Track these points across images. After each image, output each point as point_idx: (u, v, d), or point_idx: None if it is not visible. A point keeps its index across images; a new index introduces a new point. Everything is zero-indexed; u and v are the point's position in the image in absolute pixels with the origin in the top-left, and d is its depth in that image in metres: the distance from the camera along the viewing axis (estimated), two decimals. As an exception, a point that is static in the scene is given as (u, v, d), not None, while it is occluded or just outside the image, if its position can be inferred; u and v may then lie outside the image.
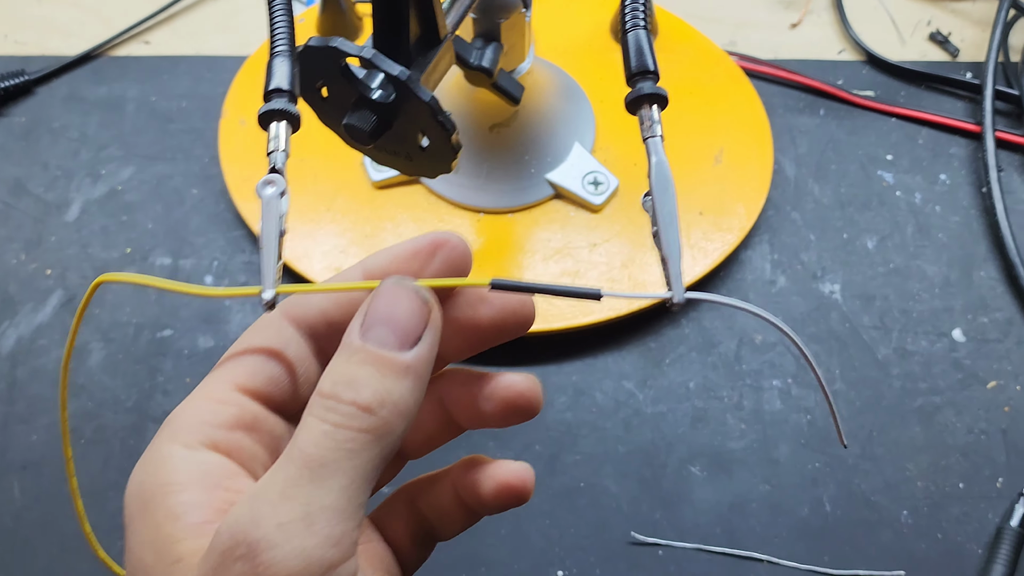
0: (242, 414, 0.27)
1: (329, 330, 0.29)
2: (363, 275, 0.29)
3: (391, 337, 0.26)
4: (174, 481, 0.25)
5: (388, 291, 0.26)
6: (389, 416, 0.25)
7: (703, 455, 0.51)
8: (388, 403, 0.25)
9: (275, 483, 0.23)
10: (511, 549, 0.49)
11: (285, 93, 0.30)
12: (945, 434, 0.52)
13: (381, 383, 0.25)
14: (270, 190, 0.28)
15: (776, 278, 0.57)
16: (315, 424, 0.24)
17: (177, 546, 0.24)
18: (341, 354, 0.26)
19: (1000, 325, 0.55)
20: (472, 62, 0.45)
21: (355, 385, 0.25)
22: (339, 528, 0.23)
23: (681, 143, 0.59)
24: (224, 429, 0.27)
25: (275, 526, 0.22)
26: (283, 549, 0.22)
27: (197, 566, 0.23)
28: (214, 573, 0.22)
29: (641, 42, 0.31)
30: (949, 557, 0.49)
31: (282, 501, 0.23)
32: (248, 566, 0.22)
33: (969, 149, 0.62)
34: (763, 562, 0.48)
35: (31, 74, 0.64)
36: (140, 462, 0.26)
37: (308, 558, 0.22)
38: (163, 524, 0.24)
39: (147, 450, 0.26)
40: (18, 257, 0.58)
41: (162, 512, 0.25)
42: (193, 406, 0.27)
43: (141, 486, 0.25)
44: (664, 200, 0.29)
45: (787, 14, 0.69)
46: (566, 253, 0.55)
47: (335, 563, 0.23)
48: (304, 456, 0.23)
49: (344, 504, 0.23)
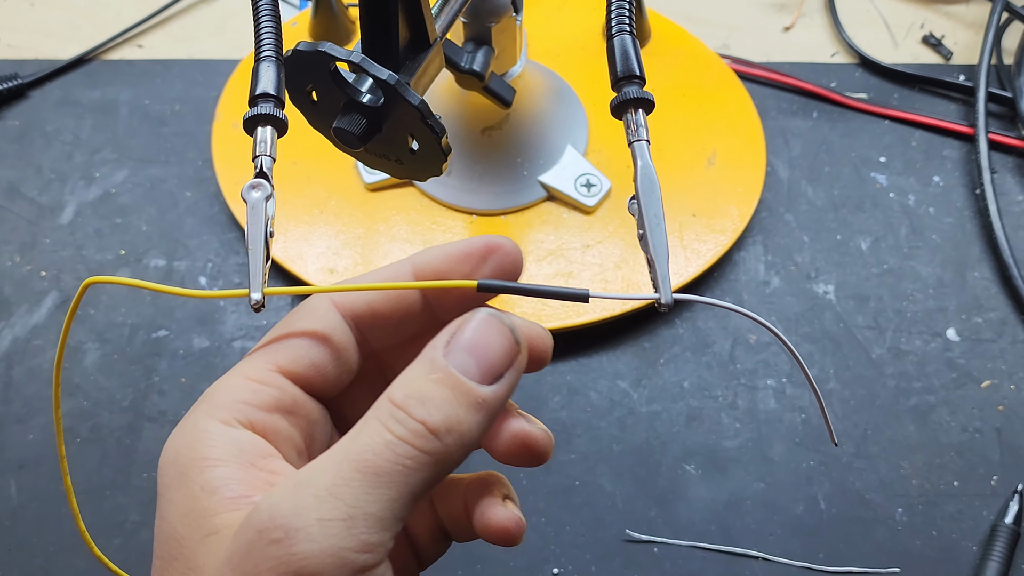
0: (282, 397, 0.27)
1: (374, 321, 0.30)
2: (412, 270, 0.29)
3: (474, 367, 0.26)
4: (211, 456, 0.25)
5: (482, 320, 0.26)
6: (453, 445, 0.25)
7: (698, 454, 0.51)
8: (455, 432, 0.25)
9: (324, 477, 0.23)
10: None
11: (271, 98, 0.30)
12: (939, 433, 0.52)
13: (454, 410, 0.25)
14: (256, 194, 0.29)
15: (770, 279, 0.57)
16: (379, 431, 0.24)
17: (213, 519, 0.24)
18: (420, 366, 0.26)
19: (994, 325, 0.55)
20: (463, 66, 0.45)
21: (428, 404, 0.25)
22: (376, 536, 0.23)
23: (674, 145, 0.59)
24: (263, 411, 0.27)
25: (316, 520, 0.23)
26: (320, 545, 0.22)
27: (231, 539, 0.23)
28: (245, 550, 0.23)
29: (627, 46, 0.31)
30: (944, 554, 0.49)
31: (328, 497, 0.23)
32: (281, 551, 0.22)
33: (962, 151, 0.62)
34: (758, 559, 0.49)
35: (25, 77, 0.65)
36: (176, 433, 0.26)
37: (341, 559, 0.23)
38: (199, 496, 0.25)
39: (183, 422, 0.27)
40: (13, 259, 0.58)
41: (198, 484, 0.25)
42: (233, 384, 0.27)
43: (177, 456, 0.26)
44: (650, 203, 0.29)
45: (780, 17, 0.69)
46: (559, 254, 0.56)
47: (366, 568, 0.23)
48: (361, 460, 0.24)
49: (387, 515, 0.24)
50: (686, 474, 0.51)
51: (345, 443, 0.24)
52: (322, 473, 0.23)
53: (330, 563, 0.22)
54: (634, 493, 0.50)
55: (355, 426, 0.25)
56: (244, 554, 0.23)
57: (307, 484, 0.23)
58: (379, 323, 0.30)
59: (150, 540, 0.51)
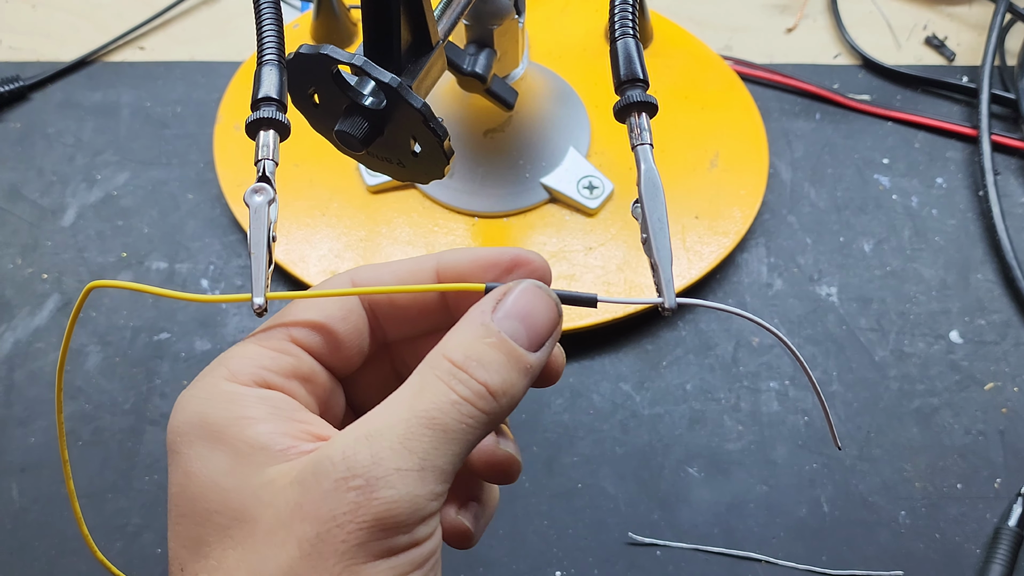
0: (299, 365, 0.29)
1: (391, 310, 0.31)
2: (435, 268, 0.30)
3: (524, 334, 0.27)
4: (250, 415, 0.27)
5: (530, 290, 0.28)
6: (507, 406, 0.27)
7: (700, 456, 0.51)
8: (509, 394, 0.27)
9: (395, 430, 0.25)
10: (509, 549, 0.49)
11: (273, 102, 0.30)
12: (943, 435, 0.52)
13: (509, 374, 0.27)
14: (258, 198, 0.29)
15: (773, 281, 0.57)
16: (444, 390, 0.26)
17: (267, 470, 0.26)
18: (471, 328, 0.27)
19: (997, 327, 0.55)
20: (465, 68, 0.45)
21: (487, 368, 0.26)
22: (441, 487, 0.26)
23: (677, 147, 0.59)
24: (281, 376, 0.28)
25: (394, 470, 0.24)
26: (399, 491, 0.24)
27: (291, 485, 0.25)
28: (320, 497, 0.24)
29: (630, 50, 0.31)
30: (947, 557, 0.49)
31: (402, 450, 0.25)
32: (363, 497, 0.24)
33: (965, 153, 0.62)
34: (761, 562, 0.48)
35: (26, 80, 0.64)
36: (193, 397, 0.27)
37: (416, 504, 0.25)
38: (247, 452, 0.26)
39: (199, 387, 0.28)
40: (14, 262, 0.58)
41: (243, 442, 0.26)
42: (250, 351, 0.28)
43: (204, 417, 0.27)
44: (653, 207, 0.29)
45: (783, 19, 0.69)
46: (562, 257, 0.55)
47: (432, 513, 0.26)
48: (429, 417, 0.25)
49: (450, 468, 0.26)
50: (689, 477, 0.51)
51: (408, 399, 0.26)
52: (392, 427, 0.25)
53: (407, 508, 0.25)
54: (637, 496, 0.50)
55: (412, 381, 0.27)
56: (319, 500, 0.24)
57: (379, 436, 0.25)
58: (396, 313, 0.31)
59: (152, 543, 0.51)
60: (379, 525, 0.24)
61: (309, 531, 0.24)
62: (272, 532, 0.25)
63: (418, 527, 0.25)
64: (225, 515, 0.25)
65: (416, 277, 0.30)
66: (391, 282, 0.30)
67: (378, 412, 0.26)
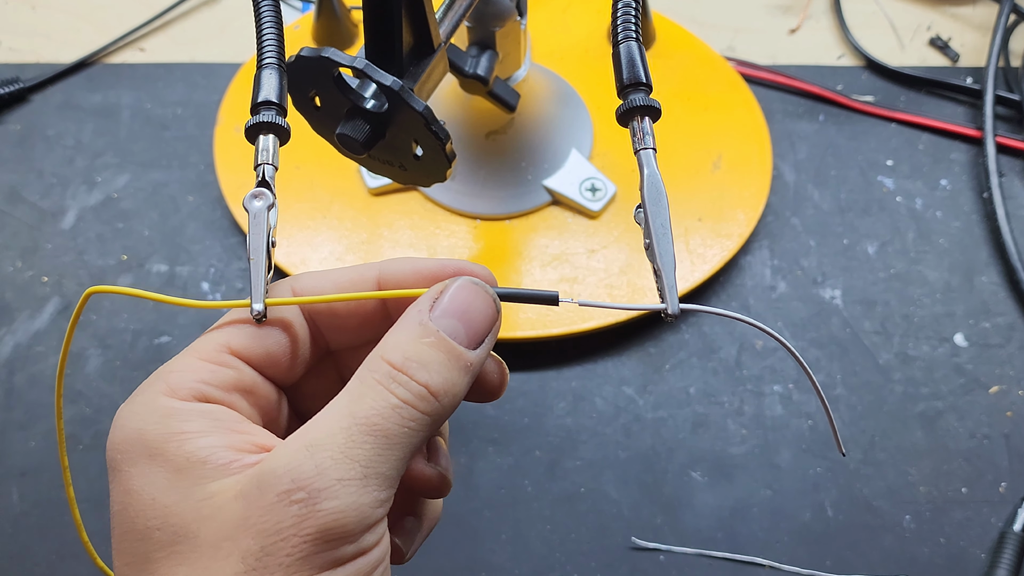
0: (240, 377, 0.28)
1: (332, 320, 0.31)
2: (378, 276, 0.30)
3: (463, 333, 0.27)
4: (187, 430, 0.26)
5: (467, 288, 0.28)
6: (449, 406, 0.27)
7: (704, 460, 0.51)
8: (451, 394, 0.27)
9: (335, 440, 0.25)
10: (512, 554, 0.49)
11: (273, 106, 0.30)
12: (947, 439, 0.52)
13: (450, 373, 0.27)
14: (258, 203, 0.28)
15: (776, 284, 0.57)
16: (384, 395, 0.26)
17: (207, 485, 0.25)
18: (409, 329, 0.27)
19: (1002, 330, 0.55)
20: (467, 71, 0.45)
21: (428, 368, 0.26)
22: (386, 493, 0.26)
23: (679, 149, 0.59)
24: (221, 390, 0.28)
25: (336, 480, 0.24)
26: (342, 501, 0.24)
27: (235, 499, 0.25)
28: (264, 511, 0.24)
29: (633, 54, 0.30)
30: (952, 562, 0.48)
31: (344, 460, 0.25)
32: (307, 509, 0.24)
33: (970, 154, 0.62)
34: (765, 567, 0.48)
35: (26, 81, 0.64)
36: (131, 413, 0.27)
37: (361, 513, 0.25)
38: (186, 467, 0.26)
39: (137, 402, 0.27)
40: (14, 264, 0.58)
41: (181, 457, 0.26)
42: (189, 364, 0.28)
43: (142, 434, 0.26)
44: (656, 212, 0.29)
45: (786, 19, 0.69)
46: (564, 259, 0.55)
47: (378, 520, 0.26)
48: (370, 424, 0.25)
49: (394, 473, 0.26)
50: (692, 481, 0.50)
51: (348, 405, 0.26)
52: (333, 436, 0.25)
53: (352, 518, 0.25)
54: (640, 500, 0.50)
55: (352, 385, 0.26)
56: (263, 514, 0.24)
57: (320, 447, 0.25)
58: (337, 322, 0.31)
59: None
60: (324, 536, 0.24)
61: (253, 545, 0.24)
62: (216, 547, 0.25)
63: (364, 535, 0.25)
64: (167, 531, 0.25)
65: (357, 286, 0.30)
66: (332, 290, 0.30)
67: (319, 420, 0.26)
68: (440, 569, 0.49)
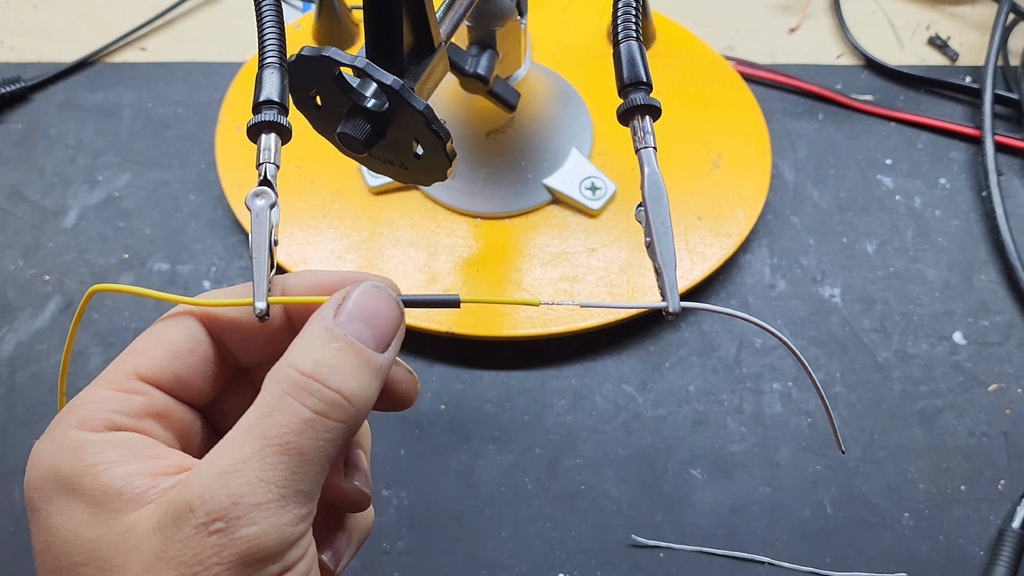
0: (151, 403, 0.28)
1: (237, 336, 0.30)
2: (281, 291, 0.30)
3: (370, 336, 0.27)
4: (99, 461, 0.26)
5: (370, 292, 0.28)
6: (363, 410, 0.26)
7: (704, 458, 0.51)
8: (364, 397, 0.26)
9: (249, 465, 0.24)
10: (512, 552, 0.49)
11: (275, 105, 0.30)
12: (946, 437, 0.52)
13: (362, 376, 0.26)
14: (260, 202, 0.29)
15: (776, 282, 0.57)
16: (295, 408, 0.25)
17: (126, 517, 0.25)
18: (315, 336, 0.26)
19: (1001, 328, 0.55)
20: (468, 70, 0.45)
21: (340, 372, 0.26)
22: (306, 508, 0.25)
23: (679, 148, 0.59)
24: (133, 417, 0.27)
25: (253, 505, 0.24)
26: (262, 526, 0.24)
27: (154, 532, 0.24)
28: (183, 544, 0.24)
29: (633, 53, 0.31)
30: (951, 559, 0.49)
31: (259, 483, 0.24)
32: (227, 539, 0.24)
33: (969, 153, 0.62)
34: (764, 564, 0.48)
35: (27, 81, 0.64)
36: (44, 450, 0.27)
37: (282, 533, 0.25)
38: (103, 500, 0.25)
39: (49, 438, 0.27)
40: (16, 263, 0.58)
41: (97, 490, 0.25)
42: (98, 395, 0.28)
43: (56, 470, 0.26)
44: (657, 211, 0.29)
45: (785, 19, 0.69)
46: (564, 258, 0.55)
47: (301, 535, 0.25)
48: (283, 443, 0.25)
49: (312, 487, 0.25)
50: (692, 479, 0.51)
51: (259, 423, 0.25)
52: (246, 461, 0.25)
53: (273, 540, 0.24)
54: (640, 498, 0.50)
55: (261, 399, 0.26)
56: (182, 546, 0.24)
57: (234, 473, 0.24)
58: (243, 340, 0.30)
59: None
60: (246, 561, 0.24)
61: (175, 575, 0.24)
62: None
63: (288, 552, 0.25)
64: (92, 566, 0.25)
65: None
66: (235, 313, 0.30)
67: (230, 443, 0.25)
68: (440, 567, 0.49)
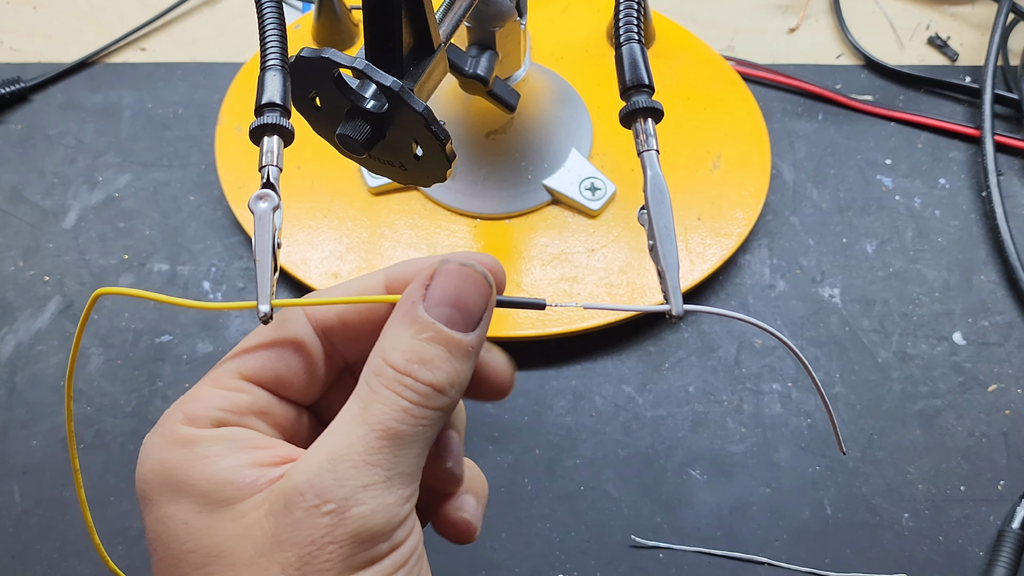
0: (254, 401, 0.29)
1: (345, 332, 0.31)
2: (385, 282, 0.31)
3: (459, 319, 0.28)
4: (208, 454, 0.27)
5: (455, 272, 0.28)
6: (456, 395, 0.28)
7: (703, 459, 0.51)
8: (457, 384, 0.28)
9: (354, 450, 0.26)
10: (512, 552, 0.49)
11: (277, 107, 0.30)
12: (946, 437, 0.52)
13: (452, 365, 0.27)
14: (263, 205, 0.29)
15: (775, 283, 0.57)
16: (392, 399, 0.26)
17: (236, 506, 0.26)
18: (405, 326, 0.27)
19: (1001, 328, 0.55)
20: (467, 71, 0.45)
21: (430, 366, 0.27)
22: (410, 488, 0.27)
23: (679, 148, 0.59)
24: (236, 414, 0.28)
25: (361, 487, 0.25)
26: (370, 506, 0.25)
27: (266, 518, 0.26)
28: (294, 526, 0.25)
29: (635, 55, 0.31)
30: (950, 560, 0.49)
31: (365, 467, 0.26)
32: (338, 519, 0.25)
33: (968, 153, 0.62)
34: (764, 565, 0.48)
35: (27, 81, 0.64)
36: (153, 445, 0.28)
37: (390, 512, 0.26)
38: (212, 490, 0.26)
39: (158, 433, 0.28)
40: (16, 264, 0.58)
41: (206, 481, 0.27)
42: (204, 393, 0.29)
43: (165, 463, 0.27)
44: (660, 214, 0.29)
45: (785, 19, 0.69)
46: (564, 259, 0.55)
47: (407, 515, 0.27)
48: (385, 429, 0.26)
49: (414, 469, 0.27)
50: (691, 479, 0.51)
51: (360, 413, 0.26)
52: (352, 447, 0.26)
53: (382, 519, 0.26)
54: (639, 498, 0.50)
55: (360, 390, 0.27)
56: (295, 528, 0.25)
57: (341, 459, 0.26)
58: (349, 334, 0.31)
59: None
60: (358, 539, 0.25)
61: (291, 556, 0.25)
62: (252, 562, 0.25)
63: (396, 531, 0.26)
64: (200, 553, 0.26)
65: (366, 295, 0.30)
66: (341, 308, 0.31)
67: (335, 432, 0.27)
68: (440, 567, 0.49)
